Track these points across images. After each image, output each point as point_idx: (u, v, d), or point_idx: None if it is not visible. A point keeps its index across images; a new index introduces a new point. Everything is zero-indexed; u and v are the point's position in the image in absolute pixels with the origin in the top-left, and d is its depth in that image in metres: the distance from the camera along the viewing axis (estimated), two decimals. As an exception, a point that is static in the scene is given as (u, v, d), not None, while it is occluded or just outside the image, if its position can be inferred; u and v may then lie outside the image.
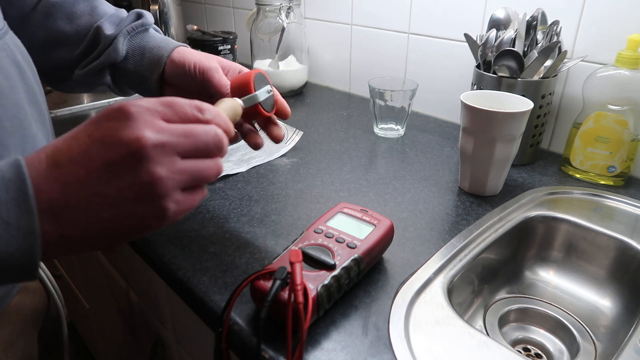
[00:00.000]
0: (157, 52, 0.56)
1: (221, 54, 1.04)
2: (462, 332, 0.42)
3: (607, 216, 0.61)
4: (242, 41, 1.20)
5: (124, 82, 0.59)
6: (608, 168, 0.68)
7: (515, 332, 0.57)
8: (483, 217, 0.60)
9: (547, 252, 0.63)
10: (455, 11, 0.87)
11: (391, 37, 1.00)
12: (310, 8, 1.15)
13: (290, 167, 0.74)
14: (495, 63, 0.70)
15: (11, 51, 0.45)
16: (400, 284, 0.48)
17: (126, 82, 0.59)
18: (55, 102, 1.03)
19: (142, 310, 0.79)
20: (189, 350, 0.69)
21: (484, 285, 0.58)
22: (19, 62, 0.46)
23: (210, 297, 0.47)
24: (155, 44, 0.57)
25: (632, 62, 0.64)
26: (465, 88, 0.74)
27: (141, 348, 0.87)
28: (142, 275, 0.72)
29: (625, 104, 0.65)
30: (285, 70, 1.09)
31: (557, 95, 0.78)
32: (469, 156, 0.64)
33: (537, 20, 0.70)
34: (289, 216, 0.61)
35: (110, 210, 0.30)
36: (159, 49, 0.56)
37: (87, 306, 1.17)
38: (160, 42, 0.57)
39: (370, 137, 0.86)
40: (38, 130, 0.47)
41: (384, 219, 0.51)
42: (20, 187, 0.28)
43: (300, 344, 0.37)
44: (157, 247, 0.54)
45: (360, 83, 1.12)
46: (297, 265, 0.39)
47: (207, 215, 0.61)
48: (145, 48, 0.57)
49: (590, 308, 0.58)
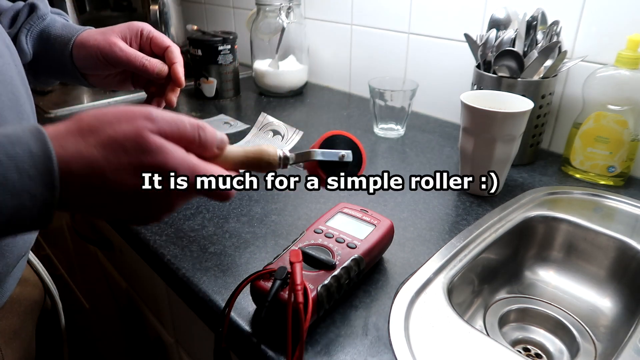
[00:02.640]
0: (60, 42, 0.54)
1: (221, 54, 1.04)
2: (462, 332, 0.42)
3: (607, 216, 0.61)
4: (242, 41, 1.20)
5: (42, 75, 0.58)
6: (608, 168, 0.68)
7: (515, 332, 0.57)
8: (483, 217, 0.60)
9: (547, 252, 0.63)
10: (455, 11, 0.87)
11: (391, 37, 1.00)
12: (310, 8, 1.15)
13: (290, 167, 0.74)
14: (495, 63, 0.70)
15: (1, 32, 0.46)
16: (400, 284, 0.48)
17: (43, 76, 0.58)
18: (56, 102, 1.03)
19: (142, 310, 0.79)
20: (189, 350, 0.69)
21: (484, 285, 0.58)
22: (7, 43, 0.47)
23: (210, 297, 0.47)
24: (57, 34, 0.55)
25: (632, 62, 0.64)
26: (465, 88, 0.74)
27: (141, 348, 0.87)
28: (142, 276, 0.72)
29: (625, 104, 0.65)
30: (285, 70, 1.09)
31: (557, 95, 0.78)
32: (469, 156, 0.64)
33: (537, 20, 0.70)
34: (289, 216, 0.61)
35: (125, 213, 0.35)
36: (62, 38, 0.55)
37: (87, 306, 1.17)
38: (61, 30, 0.55)
39: (370, 137, 0.86)
40: (29, 108, 0.48)
41: (384, 219, 0.51)
42: (47, 163, 0.30)
43: (300, 344, 0.37)
44: (157, 247, 0.54)
45: (360, 83, 1.12)
46: (297, 265, 0.39)
47: (207, 215, 0.61)
48: (49, 42, 0.55)
49: (590, 308, 0.58)
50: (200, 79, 1.07)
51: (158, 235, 0.56)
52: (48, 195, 0.31)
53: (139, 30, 0.56)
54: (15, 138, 0.30)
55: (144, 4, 1.39)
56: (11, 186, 0.29)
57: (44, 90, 1.12)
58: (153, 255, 0.54)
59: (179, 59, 0.56)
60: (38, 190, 0.30)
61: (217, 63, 1.05)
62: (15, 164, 0.29)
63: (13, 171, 0.29)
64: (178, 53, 0.57)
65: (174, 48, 0.56)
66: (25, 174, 0.30)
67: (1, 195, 0.29)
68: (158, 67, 0.55)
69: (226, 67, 1.06)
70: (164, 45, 0.56)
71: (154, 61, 0.55)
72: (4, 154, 0.29)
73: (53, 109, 0.99)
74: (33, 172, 0.30)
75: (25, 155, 0.30)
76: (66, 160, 0.31)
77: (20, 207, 0.30)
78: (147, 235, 0.56)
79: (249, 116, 0.98)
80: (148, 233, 0.56)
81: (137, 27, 0.56)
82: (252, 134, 0.85)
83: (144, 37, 0.56)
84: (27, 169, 0.30)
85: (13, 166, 0.29)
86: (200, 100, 1.09)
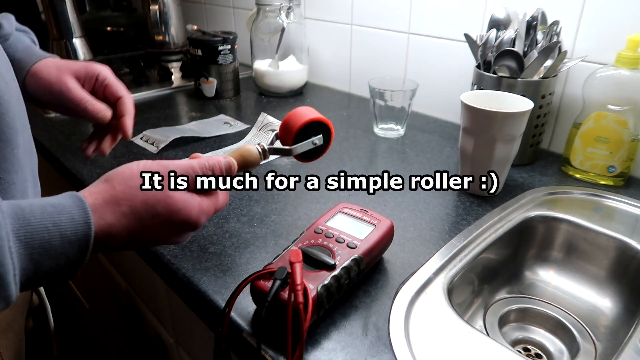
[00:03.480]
0: (17, 66, 0.54)
1: (221, 54, 1.04)
2: (462, 332, 0.42)
3: (607, 216, 0.61)
4: (242, 41, 1.20)
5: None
6: (608, 168, 0.68)
7: (515, 332, 0.57)
8: (483, 217, 0.60)
9: (547, 252, 0.63)
10: (455, 11, 0.87)
11: (391, 37, 1.00)
12: (310, 8, 1.15)
13: (290, 167, 0.74)
14: (495, 63, 0.70)
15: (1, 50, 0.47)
16: (400, 284, 0.48)
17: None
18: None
19: (142, 310, 0.79)
20: (189, 350, 0.69)
21: (484, 285, 0.58)
22: (5, 59, 0.48)
23: (210, 297, 0.47)
24: (16, 57, 0.55)
25: (632, 62, 0.64)
26: (465, 88, 0.74)
27: (141, 348, 0.87)
28: (142, 276, 0.72)
29: (625, 104, 0.65)
30: (285, 70, 1.09)
31: (557, 95, 0.78)
32: (469, 156, 0.64)
33: (537, 20, 0.70)
34: (289, 216, 0.61)
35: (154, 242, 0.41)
36: (19, 62, 0.54)
37: (87, 306, 1.17)
38: (22, 54, 0.55)
39: (370, 137, 0.86)
40: (26, 117, 0.49)
41: (384, 219, 0.51)
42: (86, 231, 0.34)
43: (300, 344, 0.37)
44: (157, 247, 0.54)
45: (360, 83, 1.12)
46: (297, 265, 0.39)
47: (207, 215, 0.61)
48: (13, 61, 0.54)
49: (590, 308, 0.58)
50: (200, 79, 1.07)
51: (158, 235, 0.56)
52: (80, 256, 0.35)
53: (95, 74, 0.56)
54: (61, 207, 0.34)
55: (144, 4, 1.39)
56: (53, 251, 0.33)
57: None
58: (153, 255, 0.54)
59: (129, 112, 0.57)
60: (73, 253, 0.34)
61: (217, 63, 1.05)
62: (60, 232, 0.33)
63: (57, 238, 0.33)
64: (130, 105, 0.57)
65: (126, 99, 0.57)
66: (67, 239, 0.34)
67: (44, 258, 0.33)
68: (101, 112, 0.55)
69: (226, 67, 1.06)
70: (117, 95, 0.57)
71: (98, 105, 0.55)
72: (51, 223, 0.33)
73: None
74: (73, 238, 0.34)
75: (68, 223, 0.34)
76: (106, 229, 0.36)
77: (55, 267, 0.34)
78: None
79: (249, 116, 0.98)
80: (148, 233, 0.56)
81: (94, 71, 0.56)
82: (252, 134, 0.85)
83: (99, 81, 0.56)
84: (69, 235, 0.34)
85: (58, 234, 0.33)
86: (200, 100, 1.09)
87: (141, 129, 0.87)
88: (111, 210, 0.37)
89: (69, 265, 0.34)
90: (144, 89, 1.15)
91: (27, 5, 1.54)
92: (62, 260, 0.34)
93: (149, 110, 1.02)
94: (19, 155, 0.44)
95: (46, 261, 0.33)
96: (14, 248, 0.31)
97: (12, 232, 0.32)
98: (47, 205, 0.34)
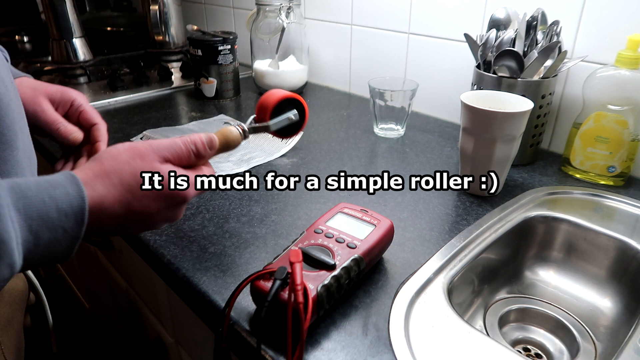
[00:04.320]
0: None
1: (221, 54, 1.04)
2: (462, 332, 0.42)
3: (607, 216, 0.61)
4: (242, 41, 1.20)
5: None
6: (608, 168, 0.68)
7: (515, 332, 0.57)
8: (483, 217, 0.60)
9: (547, 252, 0.63)
10: (455, 11, 0.87)
11: (391, 37, 1.00)
12: (310, 8, 1.15)
13: (290, 167, 0.74)
14: (495, 63, 0.70)
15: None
16: (400, 284, 0.48)
17: None
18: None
19: (142, 310, 0.79)
20: (189, 350, 0.69)
21: (484, 285, 0.58)
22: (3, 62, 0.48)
23: (210, 297, 0.47)
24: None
25: (632, 62, 0.64)
26: (465, 88, 0.74)
27: (141, 348, 0.87)
28: (142, 276, 0.72)
29: (625, 104, 0.65)
30: (285, 70, 1.09)
31: (557, 95, 0.78)
32: (469, 156, 0.64)
33: (537, 20, 0.70)
34: (289, 216, 0.61)
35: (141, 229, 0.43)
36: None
37: (87, 306, 1.17)
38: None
39: (370, 137, 0.86)
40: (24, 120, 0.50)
41: (384, 219, 0.51)
42: (81, 204, 0.36)
43: (301, 344, 0.37)
44: (157, 247, 0.54)
45: (360, 83, 1.12)
46: (297, 265, 0.39)
47: (207, 215, 0.61)
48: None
49: (590, 308, 0.58)
50: (200, 79, 1.07)
51: (158, 236, 0.56)
52: (77, 229, 0.36)
53: (71, 100, 0.56)
54: (55, 183, 0.36)
55: (144, 4, 1.39)
56: (51, 223, 0.34)
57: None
58: (153, 255, 0.54)
59: (104, 138, 0.57)
60: (70, 226, 0.35)
61: (217, 63, 1.05)
62: (56, 204, 0.35)
63: (53, 210, 0.34)
64: (105, 132, 0.58)
65: (101, 126, 0.57)
66: (63, 212, 0.35)
67: (42, 230, 0.34)
68: (73, 134, 0.55)
69: (226, 67, 1.06)
70: (92, 122, 0.57)
71: (70, 128, 0.55)
72: (47, 196, 0.34)
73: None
74: (69, 210, 0.35)
75: (63, 197, 0.35)
76: (98, 201, 0.38)
77: (53, 240, 0.35)
78: (147, 236, 0.56)
79: (249, 116, 0.98)
80: (148, 233, 0.57)
81: (69, 97, 0.56)
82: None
83: (74, 107, 0.57)
84: (65, 208, 0.35)
85: (54, 206, 0.34)
86: (200, 100, 1.09)
87: (141, 129, 0.87)
88: (101, 182, 0.38)
89: (67, 240, 0.36)
90: (144, 89, 1.15)
91: (27, 5, 1.54)
92: (59, 234, 0.35)
93: (149, 110, 1.02)
94: (19, 157, 0.44)
95: (44, 234, 0.34)
96: (15, 217, 0.32)
97: (11, 204, 0.32)
98: (42, 181, 0.35)
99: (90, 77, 1.22)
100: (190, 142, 0.44)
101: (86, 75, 1.23)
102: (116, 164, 0.40)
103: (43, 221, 0.34)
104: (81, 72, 1.24)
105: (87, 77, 1.22)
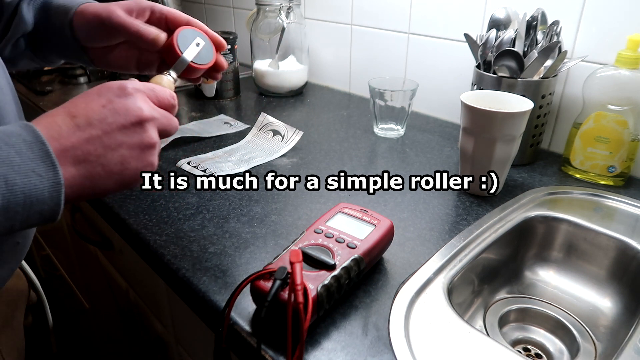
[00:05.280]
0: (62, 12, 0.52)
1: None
2: (462, 332, 0.42)
3: (607, 216, 0.61)
4: (242, 41, 1.20)
5: (42, 50, 0.56)
6: (608, 168, 0.68)
7: (515, 332, 0.57)
8: (483, 217, 0.60)
9: (547, 252, 0.63)
10: (455, 11, 0.87)
11: (391, 37, 1.00)
12: (310, 8, 1.15)
13: (290, 167, 0.74)
14: (495, 63, 0.70)
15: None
16: (400, 284, 0.48)
17: (45, 50, 0.56)
18: (56, 102, 1.03)
19: (142, 310, 0.79)
20: (189, 350, 0.69)
21: (484, 285, 0.58)
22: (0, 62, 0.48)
23: (210, 297, 0.47)
24: (59, 3, 0.53)
25: (632, 62, 0.64)
26: (465, 88, 0.74)
27: (141, 348, 0.87)
28: (143, 276, 0.72)
29: (625, 104, 0.65)
30: (285, 70, 1.09)
31: (557, 95, 0.78)
32: (469, 156, 0.64)
33: (537, 20, 0.70)
34: (289, 216, 0.61)
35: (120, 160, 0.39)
36: (63, 8, 0.53)
37: (87, 306, 1.17)
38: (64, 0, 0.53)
39: (370, 137, 0.86)
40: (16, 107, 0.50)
41: (384, 219, 0.51)
42: (42, 147, 0.34)
43: (301, 344, 0.37)
44: (157, 247, 0.54)
45: (360, 83, 1.12)
46: (297, 265, 0.39)
47: (207, 215, 0.61)
48: (50, 11, 0.53)
49: (590, 308, 0.58)
50: (200, 79, 1.07)
51: (158, 235, 0.56)
52: (52, 174, 0.34)
53: (148, 8, 0.52)
54: (9, 132, 0.34)
55: (144, 4, 1.39)
56: (17, 167, 0.33)
57: (43, 91, 1.12)
58: (153, 255, 0.54)
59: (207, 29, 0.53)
60: (42, 170, 0.34)
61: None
62: (15, 150, 0.33)
63: (14, 155, 0.33)
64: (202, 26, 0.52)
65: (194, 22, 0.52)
66: (26, 156, 0.33)
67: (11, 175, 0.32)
68: (154, 33, 0.50)
69: (226, 67, 1.06)
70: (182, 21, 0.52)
71: (151, 27, 0.50)
72: (3, 142, 0.33)
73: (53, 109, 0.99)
74: (31, 155, 0.34)
75: (20, 143, 0.34)
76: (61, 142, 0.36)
77: (32, 187, 0.33)
78: (147, 235, 0.56)
79: (249, 116, 0.98)
80: (148, 233, 0.57)
81: (146, 5, 0.52)
82: (252, 134, 0.85)
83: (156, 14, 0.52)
84: (25, 152, 0.33)
85: (13, 152, 0.33)
86: (200, 100, 1.09)
87: (141, 129, 0.87)
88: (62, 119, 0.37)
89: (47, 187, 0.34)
90: (144, 89, 1.15)
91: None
92: (34, 178, 0.33)
93: (149, 110, 1.01)
94: None
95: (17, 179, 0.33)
96: None
97: None
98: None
99: (90, 77, 1.22)
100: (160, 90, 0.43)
101: (86, 75, 1.23)
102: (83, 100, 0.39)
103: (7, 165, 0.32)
104: (81, 72, 1.24)
105: (87, 77, 1.22)
